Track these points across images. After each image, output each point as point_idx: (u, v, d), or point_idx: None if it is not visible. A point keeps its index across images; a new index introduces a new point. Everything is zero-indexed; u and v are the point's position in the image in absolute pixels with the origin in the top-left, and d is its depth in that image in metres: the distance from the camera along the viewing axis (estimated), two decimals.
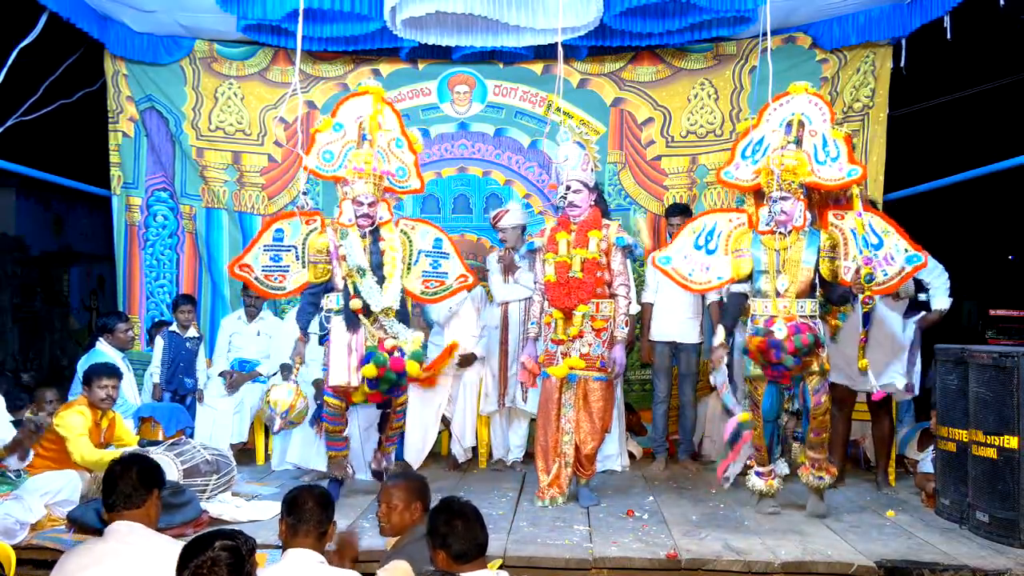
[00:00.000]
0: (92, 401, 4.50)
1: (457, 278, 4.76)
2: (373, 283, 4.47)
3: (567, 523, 4.27)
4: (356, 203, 4.48)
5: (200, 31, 6.37)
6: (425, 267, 4.72)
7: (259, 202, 6.58)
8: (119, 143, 6.60)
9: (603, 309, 4.58)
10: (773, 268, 4.26)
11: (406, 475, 3.44)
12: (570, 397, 4.64)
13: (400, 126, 4.71)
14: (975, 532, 4.10)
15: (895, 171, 6.48)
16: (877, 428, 5.10)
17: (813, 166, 4.23)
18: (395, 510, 3.14)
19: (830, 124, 4.26)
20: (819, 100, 4.33)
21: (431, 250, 4.73)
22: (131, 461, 2.94)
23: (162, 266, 6.68)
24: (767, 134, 4.37)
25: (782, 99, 4.37)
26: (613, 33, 5.94)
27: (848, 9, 5.93)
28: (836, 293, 4.30)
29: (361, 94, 4.64)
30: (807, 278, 4.23)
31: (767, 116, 4.40)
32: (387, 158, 4.63)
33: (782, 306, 4.22)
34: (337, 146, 4.57)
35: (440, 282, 4.75)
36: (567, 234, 4.61)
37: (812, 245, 4.24)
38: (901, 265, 4.22)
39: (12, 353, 10.50)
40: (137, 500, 2.80)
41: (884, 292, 4.37)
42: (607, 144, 6.52)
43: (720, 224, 4.49)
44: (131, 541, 2.71)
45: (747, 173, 4.41)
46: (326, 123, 4.58)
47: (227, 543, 2.26)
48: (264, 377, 5.83)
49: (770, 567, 3.66)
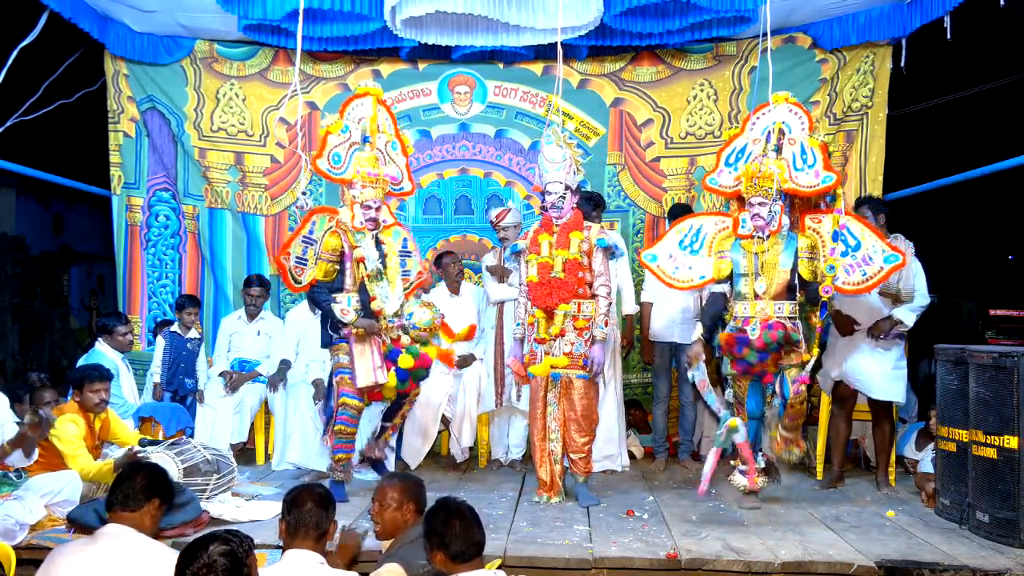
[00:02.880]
0: (85, 405, 4.49)
1: (417, 274, 4.93)
2: (386, 286, 4.60)
3: (567, 523, 4.27)
4: (365, 207, 4.57)
5: (200, 31, 6.37)
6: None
7: (262, 202, 6.59)
8: (119, 143, 6.60)
9: (584, 309, 4.63)
10: (752, 271, 4.43)
11: (402, 475, 3.44)
12: (555, 396, 4.71)
13: (395, 128, 4.76)
14: (975, 532, 4.10)
15: (895, 171, 6.48)
16: (878, 428, 5.10)
17: (791, 173, 4.40)
18: (388, 509, 3.14)
19: (808, 132, 4.44)
20: (799, 109, 4.52)
21: (401, 250, 4.84)
22: (142, 467, 2.99)
23: (164, 266, 6.68)
24: (749, 142, 4.57)
25: (764, 109, 4.55)
26: (613, 33, 5.95)
27: (848, 9, 5.93)
28: (811, 292, 4.42)
29: (362, 95, 4.69)
30: (784, 280, 4.40)
31: (750, 125, 4.61)
32: (385, 161, 4.70)
33: (760, 308, 4.38)
34: (344, 148, 4.64)
35: (406, 279, 4.86)
36: (549, 235, 4.67)
37: (789, 248, 4.41)
38: (880, 265, 4.33)
39: (12, 353, 10.51)
40: (134, 504, 2.82)
41: (862, 291, 4.45)
42: (606, 145, 6.53)
43: (706, 226, 4.70)
44: (119, 544, 2.71)
45: (729, 180, 4.62)
46: (336, 124, 4.65)
47: (223, 548, 2.25)
48: (264, 377, 5.83)
49: (770, 567, 3.66)
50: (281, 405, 5.61)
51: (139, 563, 2.66)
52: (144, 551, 2.72)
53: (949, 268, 13.41)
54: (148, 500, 2.84)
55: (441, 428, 5.78)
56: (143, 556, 2.69)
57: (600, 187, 6.39)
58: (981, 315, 13.96)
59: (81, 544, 2.77)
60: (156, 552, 2.73)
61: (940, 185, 6.72)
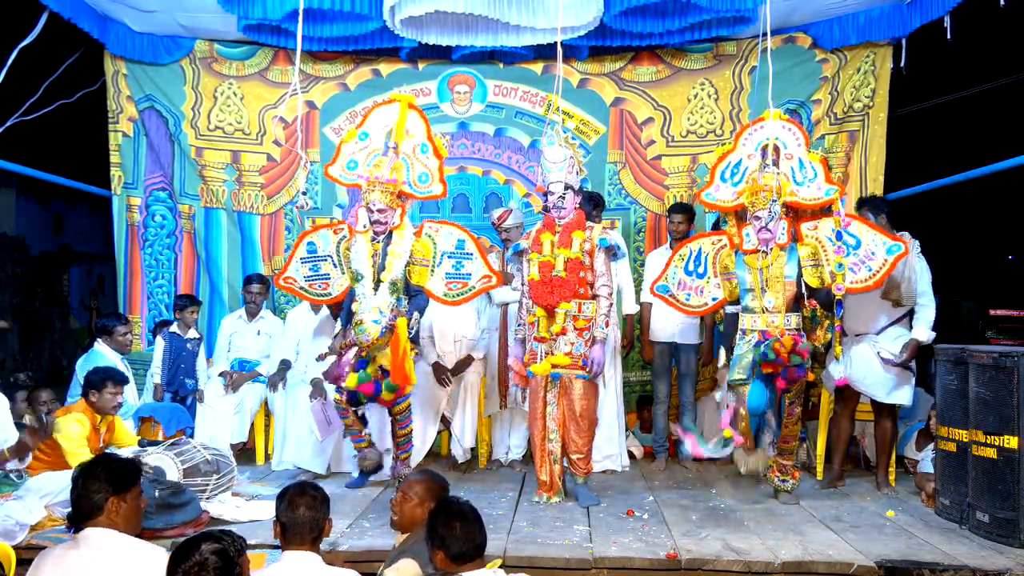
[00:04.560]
0: (100, 407, 4.49)
1: (480, 278, 4.79)
2: (368, 289, 4.58)
3: (567, 523, 4.26)
4: (368, 210, 4.62)
5: (200, 31, 6.37)
6: (448, 269, 4.76)
7: (258, 201, 6.59)
8: (119, 143, 6.60)
9: (585, 309, 4.63)
10: (758, 286, 4.45)
11: (433, 474, 3.43)
12: (554, 395, 4.71)
13: (427, 131, 4.75)
14: (975, 532, 4.09)
15: (895, 171, 6.48)
16: (879, 428, 5.09)
17: (793, 187, 4.44)
18: (409, 502, 3.14)
19: (805, 148, 4.48)
20: (792, 126, 4.57)
21: (454, 251, 4.77)
22: (85, 474, 2.80)
23: (161, 266, 6.68)
24: (743, 158, 4.60)
25: (756, 124, 4.60)
26: (613, 33, 5.95)
27: (848, 9, 5.93)
28: (821, 296, 4.44)
29: (391, 102, 4.74)
30: (791, 292, 4.43)
31: (743, 140, 4.64)
32: (411, 164, 4.70)
33: (771, 321, 4.39)
34: (362, 155, 4.68)
35: (463, 283, 4.78)
36: (551, 235, 4.67)
37: (792, 260, 4.44)
38: (883, 257, 4.36)
39: (12, 353, 10.51)
40: (97, 512, 2.73)
41: (871, 288, 4.46)
42: (607, 144, 6.53)
43: (704, 247, 4.78)
44: (102, 547, 2.68)
45: (728, 194, 4.64)
46: (351, 133, 4.73)
47: (215, 546, 2.25)
48: (264, 377, 5.83)
49: (770, 567, 3.65)
50: (281, 405, 5.61)
51: (122, 564, 2.65)
52: (126, 551, 2.70)
53: (949, 268, 13.43)
54: (107, 500, 2.74)
55: (441, 428, 5.78)
56: (126, 557, 2.67)
57: (601, 185, 6.40)
58: (981, 315, 13.97)
59: (63, 550, 2.73)
60: (139, 551, 2.71)
61: (940, 185, 6.71)
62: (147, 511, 3.84)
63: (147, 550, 2.74)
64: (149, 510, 3.88)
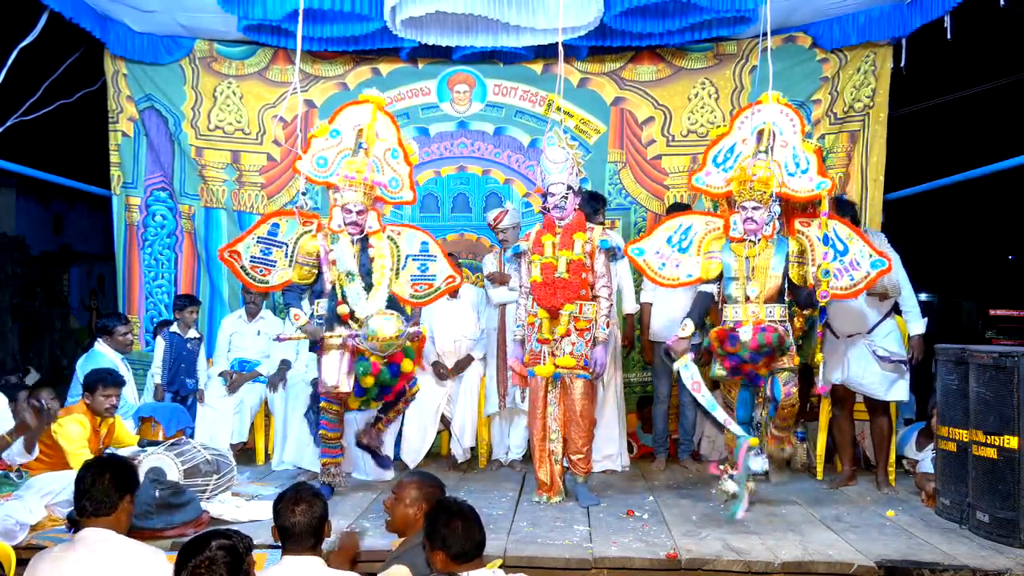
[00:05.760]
0: (94, 409, 4.49)
1: (445, 279, 4.80)
2: (360, 289, 4.53)
3: (567, 523, 4.26)
4: (345, 211, 4.54)
5: (200, 31, 6.37)
6: (413, 271, 4.75)
7: (258, 201, 6.58)
8: (119, 143, 6.59)
9: (586, 311, 4.63)
10: (743, 275, 4.37)
11: (428, 476, 3.41)
12: (555, 396, 4.71)
13: (397, 137, 4.70)
14: (975, 532, 4.09)
15: (895, 171, 6.48)
16: (875, 425, 5.10)
17: (784, 177, 4.34)
18: (402, 503, 3.14)
19: (800, 136, 4.37)
20: (790, 111, 4.42)
21: (418, 254, 4.76)
22: (104, 466, 2.87)
23: (160, 266, 6.68)
24: (738, 142, 4.48)
25: (753, 107, 4.45)
26: (613, 33, 5.94)
27: (848, 9, 5.93)
28: (802, 296, 4.40)
29: (361, 103, 4.66)
30: (775, 284, 4.36)
31: (738, 124, 4.50)
32: (381, 168, 4.64)
33: (751, 311, 4.33)
34: (332, 152, 4.60)
35: (428, 284, 4.78)
36: (552, 236, 4.66)
37: (780, 252, 4.37)
38: (867, 270, 4.34)
39: (12, 353, 10.50)
40: (108, 508, 2.77)
41: (850, 296, 4.45)
42: (607, 143, 6.53)
43: (696, 226, 4.60)
44: (100, 549, 2.69)
45: (718, 180, 4.50)
46: (322, 129, 4.61)
47: (224, 543, 2.26)
48: (264, 377, 5.83)
49: (770, 567, 3.65)
50: (281, 405, 5.61)
51: (120, 565, 2.65)
52: (124, 552, 2.71)
53: (949, 268, 13.44)
54: (121, 498, 2.79)
55: (441, 428, 5.77)
56: (124, 558, 2.68)
57: (601, 184, 6.39)
58: (981, 315, 13.97)
59: (61, 550, 2.73)
60: (137, 553, 2.72)
61: (940, 185, 6.72)
62: (147, 511, 3.87)
63: (145, 551, 2.74)
64: (149, 510, 3.89)
